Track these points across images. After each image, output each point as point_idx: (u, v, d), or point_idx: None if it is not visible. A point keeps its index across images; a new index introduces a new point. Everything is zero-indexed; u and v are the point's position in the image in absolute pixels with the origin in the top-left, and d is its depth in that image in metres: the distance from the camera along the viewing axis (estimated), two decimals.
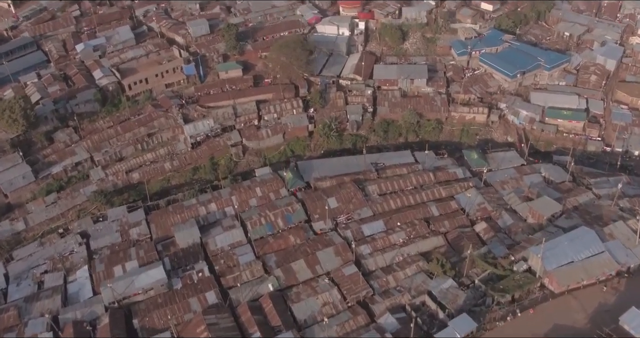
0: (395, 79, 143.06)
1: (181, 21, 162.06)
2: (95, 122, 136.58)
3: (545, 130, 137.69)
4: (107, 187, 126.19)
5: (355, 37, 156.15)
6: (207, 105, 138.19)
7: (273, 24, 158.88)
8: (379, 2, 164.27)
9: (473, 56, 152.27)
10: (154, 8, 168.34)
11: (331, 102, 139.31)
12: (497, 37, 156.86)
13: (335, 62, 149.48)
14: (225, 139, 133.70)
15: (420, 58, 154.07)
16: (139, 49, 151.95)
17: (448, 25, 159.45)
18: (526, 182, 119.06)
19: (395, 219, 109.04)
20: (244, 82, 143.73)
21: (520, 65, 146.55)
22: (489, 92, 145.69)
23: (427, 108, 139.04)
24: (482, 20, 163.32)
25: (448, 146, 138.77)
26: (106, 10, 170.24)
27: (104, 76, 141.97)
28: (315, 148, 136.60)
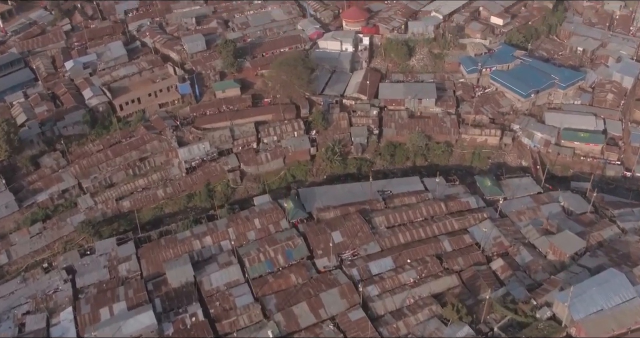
0: (402, 98, 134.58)
1: (176, 36, 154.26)
2: (84, 145, 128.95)
3: (562, 154, 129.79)
4: (95, 216, 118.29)
5: (359, 53, 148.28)
6: (202, 127, 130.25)
7: (273, 40, 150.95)
8: (384, 16, 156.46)
9: (483, 74, 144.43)
10: (148, 22, 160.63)
11: (334, 124, 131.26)
12: (508, 53, 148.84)
13: (338, 80, 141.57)
14: (222, 164, 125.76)
15: (428, 75, 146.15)
16: (131, 66, 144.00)
17: (456, 41, 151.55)
18: (544, 212, 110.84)
19: (405, 255, 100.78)
20: (242, 102, 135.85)
21: (534, 84, 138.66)
22: (501, 112, 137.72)
23: (436, 130, 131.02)
24: (492, 35, 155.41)
25: (459, 171, 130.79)
26: (98, 25, 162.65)
27: (94, 96, 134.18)
28: (317, 173, 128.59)
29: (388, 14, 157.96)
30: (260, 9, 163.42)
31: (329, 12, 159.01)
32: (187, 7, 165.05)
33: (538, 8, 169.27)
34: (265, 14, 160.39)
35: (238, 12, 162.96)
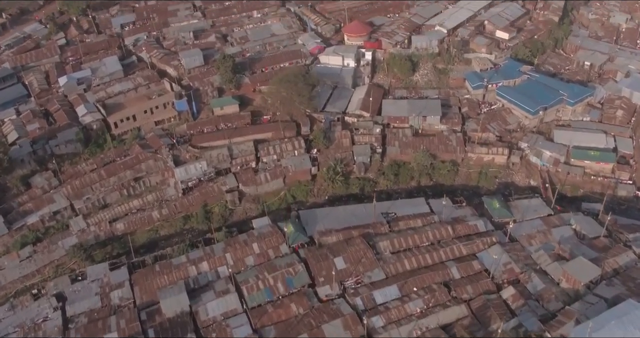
0: (405, 116, 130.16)
1: (173, 51, 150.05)
2: (77, 164, 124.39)
3: (572, 173, 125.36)
4: (88, 239, 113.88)
5: (362, 68, 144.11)
6: (200, 146, 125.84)
7: (272, 54, 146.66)
8: (387, 31, 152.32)
9: (489, 89, 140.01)
10: (144, 36, 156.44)
11: (336, 142, 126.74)
12: (515, 68, 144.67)
13: (340, 96, 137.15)
14: (219, 184, 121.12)
15: (432, 91, 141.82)
16: (127, 82, 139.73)
17: (461, 56, 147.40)
18: (555, 236, 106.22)
19: (411, 283, 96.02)
20: (240, 119, 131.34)
21: (542, 100, 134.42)
22: (508, 129, 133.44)
23: (442, 148, 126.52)
24: (498, 50, 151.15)
25: (465, 191, 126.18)
26: (94, 39, 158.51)
27: (87, 113, 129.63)
28: (318, 193, 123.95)
29: (391, 28, 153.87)
30: (259, 23, 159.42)
31: (330, 26, 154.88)
32: (185, 21, 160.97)
33: (544, 21, 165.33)
34: (264, 28, 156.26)
35: (237, 26, 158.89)
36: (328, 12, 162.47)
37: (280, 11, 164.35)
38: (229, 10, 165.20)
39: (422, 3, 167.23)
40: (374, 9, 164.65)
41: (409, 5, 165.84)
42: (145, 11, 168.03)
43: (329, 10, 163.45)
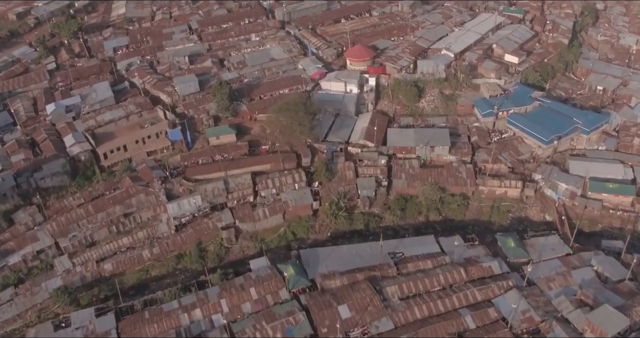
0: (412, 146, 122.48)
1: (168, 76, 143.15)
2: (64, 198, 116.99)
3: (589, 207, 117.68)
4: (73, 281, 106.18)
5: (365, 94, 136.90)
6: (194, 178, 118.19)
7: (272, 80, 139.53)
8: (391, 55, 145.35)
9: (500, 117, 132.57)
10: (137, 61, 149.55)
11: (339, 174, 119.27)
12: (526, 93, 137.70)
13: (342, 125, 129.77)
14: (215, 220, 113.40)
15: (439, 119, 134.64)
16: (118, 110, 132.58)
17: (469, 81, 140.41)
18: (576, 278, 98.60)
19: (422, 334, 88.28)
20: (237, 150, 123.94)
21: (556, 129, 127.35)
22: (521, 160, 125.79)
23: (451, 181, 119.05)
24: (507, 75, 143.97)
25: (476, 226, 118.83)
26: (85, 63, 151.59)
27: (76, 143, 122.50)
28: (320, 229, 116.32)
29: (395, 52, 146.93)
30: (258, 47, 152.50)
31: (331, 50, 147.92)
32: (180, 45, 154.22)
33: (553, 44, 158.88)
34: (263, 52, 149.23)
35: (234, 49, 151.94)
36: (329, 35, 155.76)
37: (280, 34, 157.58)
38: (226, 33, 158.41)
39: (427, 25, 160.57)
40: (377, 31, 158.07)
41: (413, 27, 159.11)
42: (139, 34, 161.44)
43: (331, 33, 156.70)
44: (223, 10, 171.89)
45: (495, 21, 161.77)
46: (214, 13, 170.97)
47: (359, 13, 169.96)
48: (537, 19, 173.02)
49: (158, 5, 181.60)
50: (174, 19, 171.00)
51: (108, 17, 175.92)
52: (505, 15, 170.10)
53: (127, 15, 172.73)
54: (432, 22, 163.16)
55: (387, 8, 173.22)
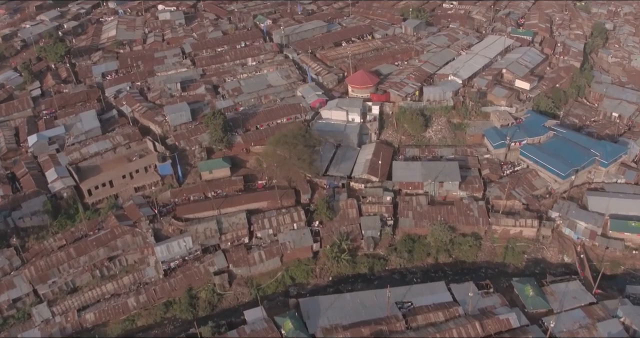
0: (420, 181, 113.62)
1: (159, 104, 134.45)
2: (44, 240, 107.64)
3: (610, 247, 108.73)
4: (52, 332, 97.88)
5: (368, 124, 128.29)
6: (185, 218, 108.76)
7: (269, 109, 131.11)
8: (395, 81, 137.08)
9: (512, 148, 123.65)
10: (127, 87, 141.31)
11: (341, 213, 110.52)
12: (538, 122, 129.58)
13: (344, 157, 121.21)
14: (206, 264, 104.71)
15: (448, 150, 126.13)
16: (104, 141, 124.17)
17: (479, 109, 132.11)
18: (602, 332, 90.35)
19: None
20: (231, 185, 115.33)
21: (573, 161, 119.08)
22: (536, 195, 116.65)
23: (462, 220, 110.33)
24: (519, 102, 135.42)
25: (489, 269, 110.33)
26: (72, 89, 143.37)
27: (58, 178, 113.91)
28: (321, 273, 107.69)
29: (399, 77, 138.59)
30: (254, 72, 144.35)
31: (332, 76, 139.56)
32: (172, 70, 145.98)
33: (565, 68, 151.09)
34: (260, 78, 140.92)
35: (230, 75, 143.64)
36: (330, 59, 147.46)
37: (278, 58, 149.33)
38: (221, 58, 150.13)
39: (432, 49, 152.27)
40: (380, 56, 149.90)
41: (418, 51, 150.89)
42: (129, 58, 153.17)
43: (331, 57, 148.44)
44: (218, 33, 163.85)
45: (504, 44, 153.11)
46: (208, 35, 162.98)
47: (360, 35, 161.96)
48: (547, 41, 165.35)
49: (150, 27, 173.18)
50: (167, 41, 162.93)
51: (98, 40, 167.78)
52: (514, 37, 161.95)
53: (118, 38, 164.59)
54: (437, 45, 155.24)
55: (390, 30, 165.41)
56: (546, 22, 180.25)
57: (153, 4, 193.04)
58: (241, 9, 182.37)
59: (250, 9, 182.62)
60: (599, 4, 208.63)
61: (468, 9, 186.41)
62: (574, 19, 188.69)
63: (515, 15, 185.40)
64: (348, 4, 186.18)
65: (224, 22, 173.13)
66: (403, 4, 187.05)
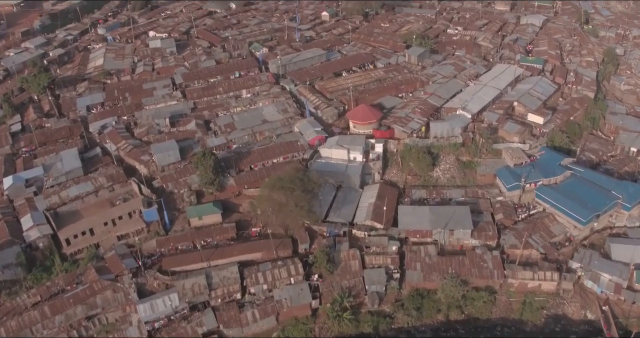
0: (429, 229, 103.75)
1: (146, 141, 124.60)
2: (17, 296, 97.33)
3: (638, 302, 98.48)
4: None
5: (371, 163, 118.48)
6: (171, 271, 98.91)
7: (264, 147, 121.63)
8: (400, 116, 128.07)
9: (527, 189, 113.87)
10: (113, 122, 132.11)
11: (342, 265, 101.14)
12: (554, 161, 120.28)
13: (345, 200, 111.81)
14: (194, 325, 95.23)
15: (457, 191, 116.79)
16: (86, 184, 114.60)
17: (490, 146, 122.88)
18: None
19: None
20: (223, 233, 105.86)
21: (594, 205, 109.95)
22: (554, 243, 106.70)
23: (475, 272, 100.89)
24: (532, 138, 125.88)
25: (505, 326, 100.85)
26: (54, 124, 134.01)
27: (34, 226, 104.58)
28: (321, 333, 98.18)
29: (404, 111, 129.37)
30: (249, 106, 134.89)
31: (332, 110, 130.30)
32: (162, 103, 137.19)
33: (578, 99, 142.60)
34: (255, 112, 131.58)
35: (222, 109, 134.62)
36: (329, 91, 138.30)
37: (274, 90, 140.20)
38: (213, 90, 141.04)
39: (438, 79, 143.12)
40: (383, 87, 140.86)
41: (423, 82, 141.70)
42: (116, 89, 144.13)
43: (331, 89, 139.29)
44: (211, 62, 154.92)
45: (515, 73, 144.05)
46: (201, 65, 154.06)
47: (362, 65, 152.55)
48: (558, 69, 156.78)
49: (140, 55, 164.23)
50: (157, 71, 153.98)
51: (84, 69, 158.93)
52: (523, 65, 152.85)
53: (105, 67, 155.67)
54: (443, 75, 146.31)
55: (393, 58, 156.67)
56: (556, 48, 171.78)
57: (144, 30, 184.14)
58: (236, 36, 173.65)
59: (246, 36, 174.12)
60: (606, 27, 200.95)
61: (474, 34, 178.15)
62: (584, 45, 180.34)
63: (523, 41, 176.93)
64: (348, 30, 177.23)
65: (218, 50, 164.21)
66: (406, 30, 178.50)
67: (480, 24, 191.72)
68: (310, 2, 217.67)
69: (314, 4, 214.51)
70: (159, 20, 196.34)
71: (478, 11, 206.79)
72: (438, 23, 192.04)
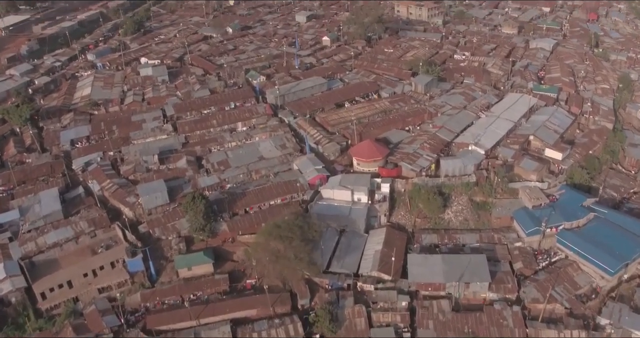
0: (442, 282, 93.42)
1: (132, 180, 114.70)
2: None
3: None
4: None
5: (377, 204, 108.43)
6: (156, 330, 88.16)
7: (260, 187, 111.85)
8: (408, 152, 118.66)
9: (547, 233, 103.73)
10: (98, 158, 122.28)
11: (347, 323, 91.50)
12: (575, 201, 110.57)
13: (349, 247, 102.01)
14: None
15: (471, 236, 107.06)
16: (66, 229, 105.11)
17: (506, 185, 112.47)
18: None
19: None
20: (214, 286, 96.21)
21: (622, 252, 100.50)
22: (579, 295, 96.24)
23: (494, 331, 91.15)
24: (551, 176, 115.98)
25: None
26: (35, 160, 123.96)
27: (7, 277, 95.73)
28: None
29: (412, 147, 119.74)
30: (244, 140, 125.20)
31: (334, 146, 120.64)
32: (151, 136, 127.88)
33: (597, 130, 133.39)
34: (251, 148, 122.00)
35: (216, 144, 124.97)
36: (331, 124, 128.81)
37: (272, 123, 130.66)
38: (206, 122, 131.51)
39: (447, 110, 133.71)
40: (389, 119, 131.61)
41: (431, 114, 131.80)
42: (103, 122, 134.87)
43: (333, 122, 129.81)
44: (205, 91, 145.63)
45: (529, 104, 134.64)
46: (194, 94, 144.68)
47: (365, 94, 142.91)
48: (573, 98, 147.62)
49: (130, 84, 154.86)
50: (147, 101, 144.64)
51: (70, 99, 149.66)
52: (537, 94, 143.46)
53: (92, 97, 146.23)
54: (452, 105, 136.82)
55: (399, 87, 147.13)
56: (569, 75, 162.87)
57: (135, 56, 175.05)
58: (232, 63, 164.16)
59: (242, 63, 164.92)
60: (617, 51, 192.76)
61: (482, 60, 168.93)
62: (597, 71, 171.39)
63: (534, 67, 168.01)
64: (350, 56, 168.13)
65: (212, 79, 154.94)
66: (411, 56, 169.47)
67: (488, 49, 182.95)
68: (310, 25, 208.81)
69: (314, 28, 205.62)
70: (152, 46, 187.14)
71: (485, 35, 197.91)
72: (444, 48, 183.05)
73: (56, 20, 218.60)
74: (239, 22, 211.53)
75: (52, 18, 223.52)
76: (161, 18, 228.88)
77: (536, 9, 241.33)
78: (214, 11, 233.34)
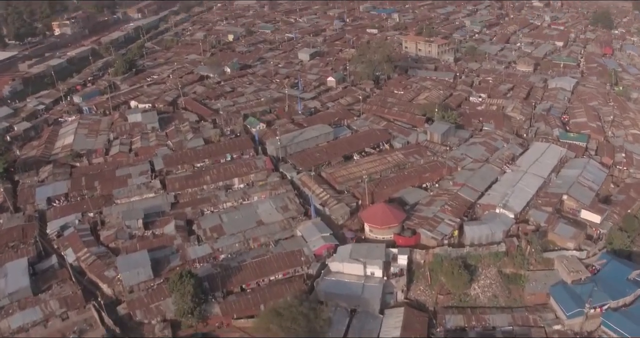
0: None
1: (113, 248, 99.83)
2: None
3: None
4: None
5: (393, 279, 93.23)
6: None
7: (259, 259, 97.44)
8: (427, 216, 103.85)
9: (591, 314, 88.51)
10: (76, 220, 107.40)
11: None
12: (620, 273, 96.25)
13: (362, 332, 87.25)
14: None
15: (502, 317, 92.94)
16: (34, 309, 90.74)
17: (540, 254, 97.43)
18: None
19: None
20: None
21: None
22: None
23: None
24: (590, 244, 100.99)
25: None
26: (6, 222, 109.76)
27: None
28: None
29: (431, 209, 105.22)
30: (241, 200, 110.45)
31: (343, 208, 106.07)
32: (136, 195, 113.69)
33: (634, 185, 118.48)
34: (248, 210, 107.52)
35: (209, 205, 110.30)
36: (339, 182, 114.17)
37: (272, 180, 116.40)
38: (199, 179, 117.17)
39: (468, 164, 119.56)
40: (404, 176, 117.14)
41: (450, 168, 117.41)
42: (85, 176, 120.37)
43: (341, 179, 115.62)
44: (199, 140, 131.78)
45: (559, 155, 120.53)
46: (186, 144, 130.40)
47: (376, 144, 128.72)
48: (603, 146, 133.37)
49: (117, 131, 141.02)
50: (135, 152, 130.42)
51: (51, 148, 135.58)
52: (564, 143, 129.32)
53: (75, 147, 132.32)
54: (473, 158, 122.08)
55: (412, 136, 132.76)
56: (596, 119, 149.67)
57: (125, 99, 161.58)
58: (229, 108, 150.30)
59: (240, 107, 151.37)
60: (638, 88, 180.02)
61: (501, 103, 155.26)
62: (624, 113, 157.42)
63: (556, 110, 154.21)
64: (358, 99, 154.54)
65: (207, 126, 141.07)
66: (424, 99, 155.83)
67: (504, 89, 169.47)
68: (314, 64, 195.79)
69: (318, 66, 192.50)
70: (143, 87, 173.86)
71: (500, 73, 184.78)
72: (458, 89, 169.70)
73: (44, 58, 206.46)
74: (238, 60, 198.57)
75: (41, 55, 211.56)
76: (155, 55, 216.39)
77: (549, 44, 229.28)
78: (212, 48, 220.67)
